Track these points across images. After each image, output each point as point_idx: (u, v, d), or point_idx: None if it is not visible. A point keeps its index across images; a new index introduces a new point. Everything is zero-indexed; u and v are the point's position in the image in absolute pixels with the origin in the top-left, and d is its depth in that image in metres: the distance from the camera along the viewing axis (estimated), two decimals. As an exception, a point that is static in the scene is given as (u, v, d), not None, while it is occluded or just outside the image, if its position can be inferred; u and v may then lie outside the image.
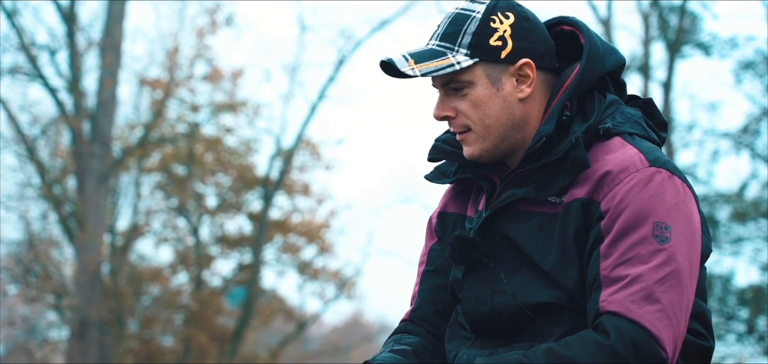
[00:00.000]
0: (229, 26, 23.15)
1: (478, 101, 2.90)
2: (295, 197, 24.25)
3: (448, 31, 2.92)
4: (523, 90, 2.91)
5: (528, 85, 2.91)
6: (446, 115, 2.92)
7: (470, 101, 2.90)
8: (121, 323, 21.87)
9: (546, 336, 2.85)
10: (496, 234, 2.93)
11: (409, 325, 3.13)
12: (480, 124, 2.90)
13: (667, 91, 20.06)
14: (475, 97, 2.89)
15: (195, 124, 23.23)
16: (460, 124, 2.92)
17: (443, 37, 2.92)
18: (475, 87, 2.89)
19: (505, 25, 2.91)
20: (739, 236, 19.18)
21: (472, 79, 2.89)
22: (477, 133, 2.91)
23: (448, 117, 2.93)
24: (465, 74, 2.89)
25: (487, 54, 2.89)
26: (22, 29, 20.56)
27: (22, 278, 21.46)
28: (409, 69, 2.87)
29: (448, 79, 2.91)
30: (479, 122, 2.90)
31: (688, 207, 2.84)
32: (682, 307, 2.78)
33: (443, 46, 2.91)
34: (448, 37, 2.91)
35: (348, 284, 24.48)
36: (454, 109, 2.92)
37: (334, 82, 23.46)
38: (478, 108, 2.90)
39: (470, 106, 2.90)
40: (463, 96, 2.90)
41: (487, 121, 2.90)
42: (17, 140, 20.89)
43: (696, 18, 20.06)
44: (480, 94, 2.89)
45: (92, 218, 20.45)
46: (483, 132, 2.90)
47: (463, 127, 2.92)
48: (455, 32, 2.91)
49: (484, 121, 2.90)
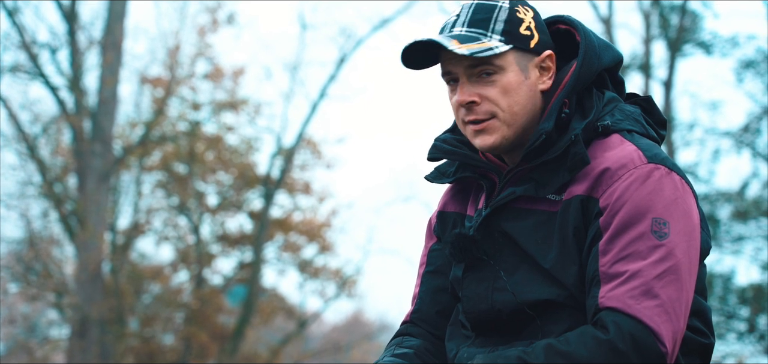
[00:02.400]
0: (230, 24, 23.18)
1: (509, 88, 2.88)
2: (296, 196, 24.26)
3: (477, 18, 2.91)
4: (545, 81, 2.92)
5: (549, 77, 2.93)
6: (472, 101, 2.89)
7: (500, 87, 2.88)
8: (121, 322, 21.88)
9: (546, 334, 2.85)
10: (496, 232, 2.93)
11: (411, 327, 3.13)
12: (508, 111, 2.89)
13: (668, 90, 20.05)
14: (506, 83, 2.88)
15: (196, 123, 23.23)
16: (485, 111, 2.89)
17: (472, 24, 2.90)
18: (506, 73, 2.89)
19: (529, 17, 2.93)
20: (739, 235, 19.17)
21: (504, 66, 2.88)
22: (502, 120, 2.89)
23: (474, 102, 2.89)
24: (500, 59, 2.88)
25: (519, 41, 2.90)
26: (23, 27, 20.57)
27: (23, 277, 21.46)
28: (457, 48, 2.85)
29: (478, 64, 2.89)
30: (507, 109, 2.89)
31: (686, 203, 2.84)
32: (681, 302, 2.78)
33: (475, 32, 2.89)
34: (479, 23, 2.90)
35: (348, 283, 24.49)
36: (480, 95, 2.89)
37: (335, 81, 23.48)
38: (507, 95, 2.89)
39: (499, 93, 2.88)
40: (492, 82, 2.89)
41: (515, 108, 2.89)
42: (18, 139, 20.90)
43: (697, 17, 20.05)
44: (511, 81, 2.89)
45: (93, 217, 20.45)
46: (509, 119, 2.89)
47: (488, 114, 2.90)
48: (486, 19, 2.90)
49: (513, 108, 2.89)
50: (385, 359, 3.04)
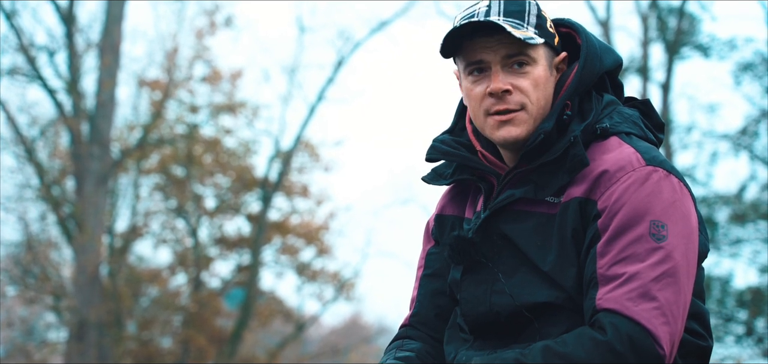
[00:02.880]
0: (228, 27, 23.16)
1: (539, 81, 2.89)
2: (294, 199, 24.25)
3: (512, 10, 2.90)
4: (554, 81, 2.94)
5: (557, 77, 2.95)
6: (507, 90, 2.88)
7: (532, 80, 2.88)
8: (119, 325, 21.86)
9: (544, 336, 2.85)
10: (495, 234, 2.93)
11: (410, 330, 3.13)
12: (537, 104, 2.89)
13: (665, 93, 20.05)
14: (537, 76, 2.89)
15: (194, 126, 23.22)
16: (517, 102, 2.88)
17: (508, 14, 2.89)
18: (538, 66, 2.89)
19: (549, 18, 2.95)
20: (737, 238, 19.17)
21: (537, 59, 2.89)
22: (530, 113, 2.89)
23: (508, 91, 2.88)
24: (534, 51, 2.88)
25: (549, 38, 2.92)
26: (21, 30, 20.56)
27: (21, 280, 21.44)
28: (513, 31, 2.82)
29: (515, 54, 2.88)
30: (536, 102, 2.89)
31: (685, 206, 2.84)
32: (679, 305, 2.77)
33: (514, 22, 2.88)
34: (514, 14, 2.89)
35: (347, 286, 24.48)
36: (513, 85, 2.88)
37: (332, 84, 23.48)
38: (537, 88, 2.89)
39: (531, 85, 2.88)
40: (524, 73, 2.88)
41: (542, 102, 2.90)
42: (16, 141, 20.88)
43: (695, 19, 20.06)
44: (541, 75, 2.90)
45: (91, 220, 20.43)
46: (536, 112, 2.89)
47: (519, 105, 2.89)
48: (521, 11, 2.90)
49: (541, 102, 2.90)
50: (387, 362, 3.04)
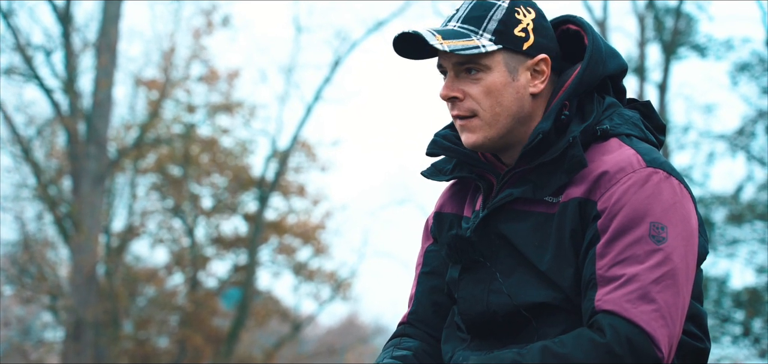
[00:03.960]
0: (225, 27, 23.16)
1: (492, 88, 2.88)
2: (291, 198, 24.26)
3: (472, 15, 2.91)
4: (537, 85, 2.91)
5: (541, 81, 2.91)
6: (455, 96, 2.90)
7: (483, 87, 2.88)
8: (116, 324, 21.85)
9: (542, 336, 2.84)
10: (493, 234, 2.92)
11: (408, 328, 3.12)
12: (489, 111, 2.88)
13: (662, 93, 20.07)
14: (490, 83, 2.88)
15: (191, 125, 23.22)
16: (467, 108, 2.90)
17: (466, 20, 2.90)
18: (492, 73, 2.88)
19: (529, 19, 2.92)
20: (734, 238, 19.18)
21: (491, 65, 2.88)
22: (483, 120, 2.89)
23: (456, 98, 2.90)
24: (486, 59, 2.88)
25: (511, 43, 2.89)
26: (18, 30, 20.54)
27: (18, 279, 21.43)
28: (438, 44, 2.85)
29: (465, 61, 2.89)
30: (489, 109, 2.88)
31: (685, 208, 2.83)
32: (677, 307, 2.77)
33: (467, 29, 2.89)
34: (473, 20, 2.90)
35: (343, 286, 24.49)
36: (464, 92, 2.89)
37: (329, 83, 23.48)
38: (489, 95, 2.88)
39: (482, 92, 2.88)
40: (476, 80, 2.89)
41: (496, 109, 2.88)
42: (13, 141, 20.87)
43: (692, 20, 20.08)
44: (495, 81, 2.88)
45: (87, 219, 20.42)
46: (490, 120, 2.89)
47: (470, 112, 2.90)
48: (480, 17, 2.90)
49: (494, 109, 2.88)
50: (384, 360, 3.03)
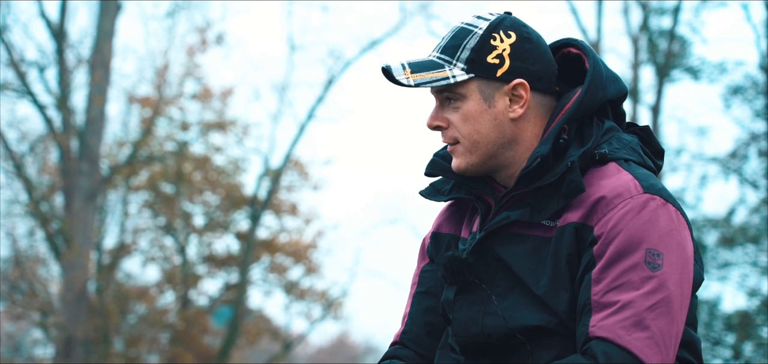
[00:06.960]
0: (218, 45, 23.18)
1: (469, 116, 2.92)
2: (283, 217, 24.25)
3: (449, 45, 2.95)
4: (516, 110, 2.92)
5: (520, 105, 2.92)
6: (438, 125, 2.97)
7: (461, 115, 2.93)
8: (107, 342, 21.80)
9: (536, 360, 2.85)
10: (489, 256, 2.92)
11: (400, 349, 3.12)
12: (468, 138, 2.93)
13: (655, 116, 20.08)
14: (466, 111, 2.92)
15: (184, 143, 23.22)
16: (450, 136, 2.95)
17: (444, 50, 2.95)
18: (468, 101, 2.92)
19: (506, 44, 2.92)
20: (726, 261, 19.17)
21: (466, 94, 2.92)
22: (464, 147, 2.93)
23: (440, 127, 2.96)
24: (459, 88, 2.92)
25: (483, 70, 2.91)
26: (12, 45, 20.54)
27: (8, 295, 21.39)
28: (403, 78, 2.91)
29: (444, 90, 2.94)
30: (467, 136, 2.93)
31: (681, 235, 2.84)
32: (671, 335, 2.76)
33: (442, 59, 2.94)
34: (449, 50, 2.94)
35: (334, 305, 24.48)
36: (447, 121, 2.95)
37: (322, 102, 23.49)
38: (467, 122, 2.92)
39: (461, 120, 2.93)
40: (456, 108, 2.93)
41: (475, 136, 2.92)
42: (5, 157, 20.84)
43: (685, 42, 20.09)
44: (471, 109, 2.92)
45: (79, 236, 20.39)
46: (470, 146, 2.93)
47: (452, 139, 2.95)
48: (455, 46, 2.93)
49: (473, 136, 2.92)
50: (375, 380, 3.03)
